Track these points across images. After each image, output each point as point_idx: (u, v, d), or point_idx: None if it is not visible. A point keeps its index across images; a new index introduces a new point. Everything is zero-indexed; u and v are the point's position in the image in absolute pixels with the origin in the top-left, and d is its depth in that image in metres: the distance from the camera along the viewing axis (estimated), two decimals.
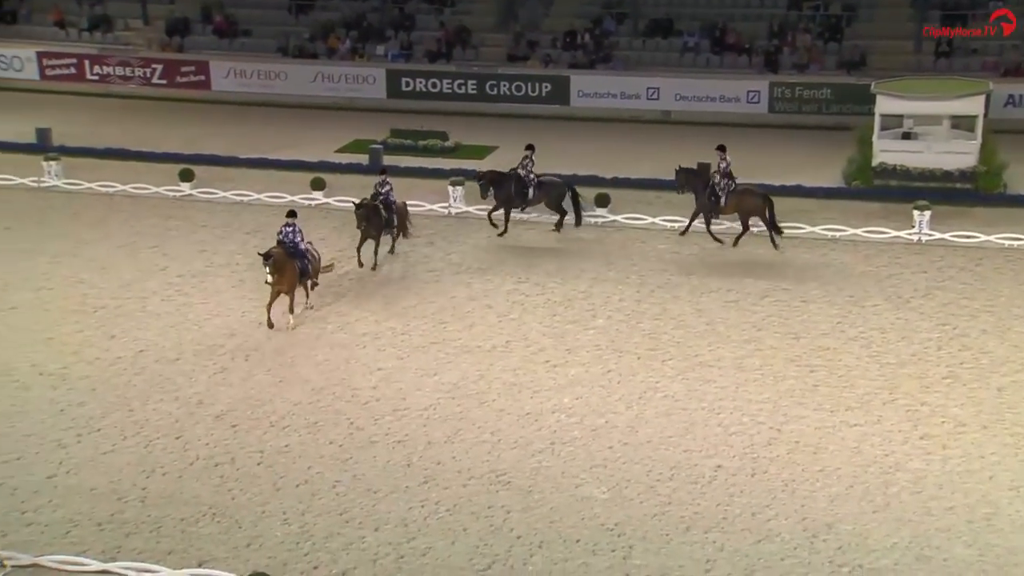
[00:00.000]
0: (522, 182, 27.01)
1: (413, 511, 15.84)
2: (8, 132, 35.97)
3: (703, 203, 26.57)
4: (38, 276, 24.58)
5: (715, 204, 26.48)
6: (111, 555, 14.47)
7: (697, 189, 26.63)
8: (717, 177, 26.47)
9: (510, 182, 27.01)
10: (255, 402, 19.07)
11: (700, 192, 26.54)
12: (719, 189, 26.42)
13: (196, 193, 30.97)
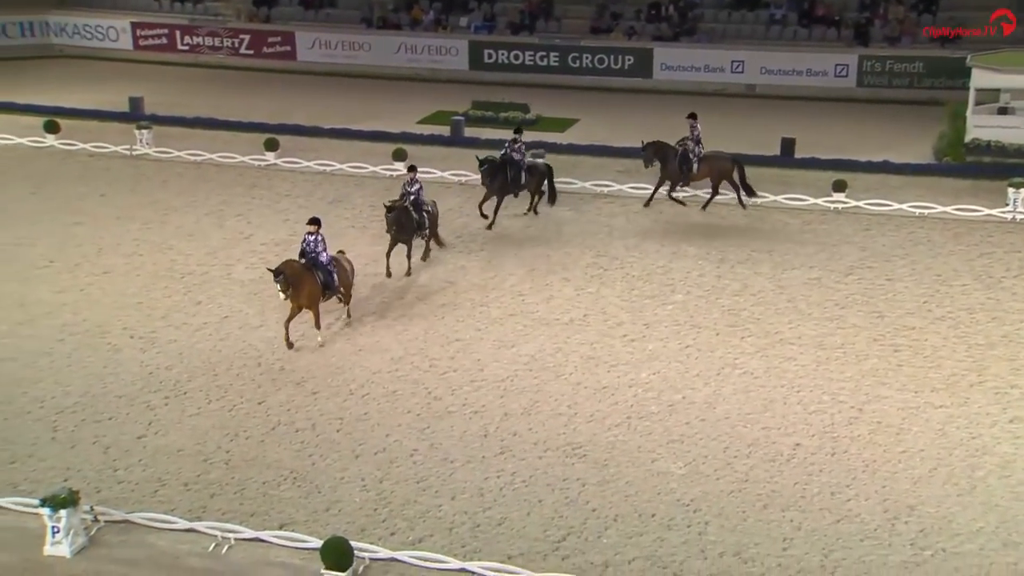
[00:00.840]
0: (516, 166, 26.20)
1: (489, 481, 15.97)
2: (103, 101, 36.92)
3: (672, 171, 26.65)
4: (129, 242, 25.23)
5: (687, 171, 26.73)
6: (196, 514, 14.86)
7: (667, 158, 26.62)
8: (691, 144, 26.62)
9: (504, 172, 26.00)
10: (335, 370, 19.36)
11: (670, 160, 26.58)
12: (692, 156, 26.63)
13: (280, 162, 31.42)
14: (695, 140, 26.61)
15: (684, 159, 26.51)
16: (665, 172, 26.81)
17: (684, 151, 26.51)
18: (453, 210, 27.11)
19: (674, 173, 26.67)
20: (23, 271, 23.24)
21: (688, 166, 26.52)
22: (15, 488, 15.24)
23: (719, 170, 26.89)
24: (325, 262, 20.16)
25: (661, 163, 26.61)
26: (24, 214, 26.75)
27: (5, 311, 21.17)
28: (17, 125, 33.95)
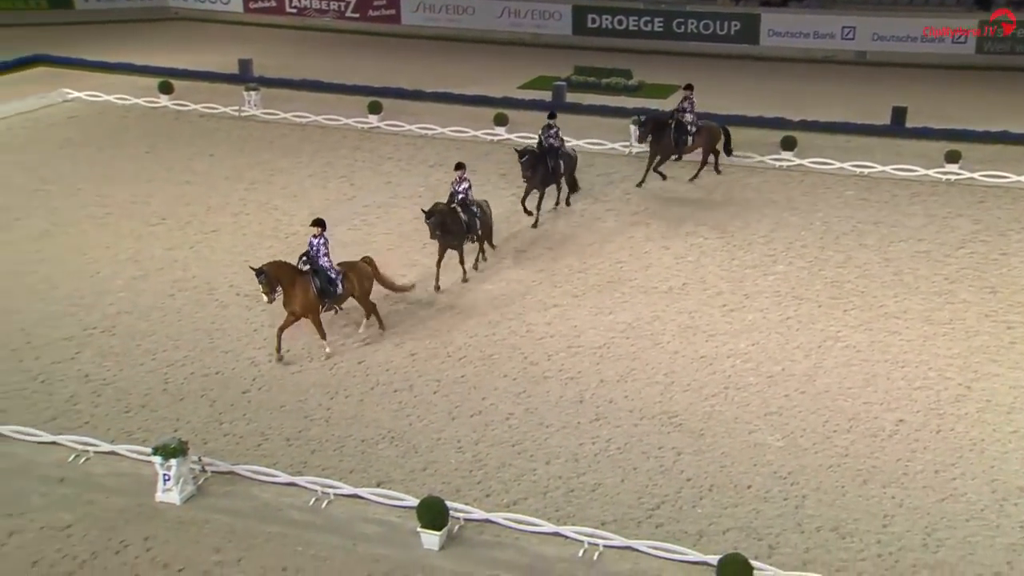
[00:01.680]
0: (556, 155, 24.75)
1: (584, 447, 16.01)
2: (214, 63, 37.75)
3: (666, 145, 26.15)
4: (236, 201, 25.83)
5: (683, 144, 26.35)
6: (298, 469, 15.22)
7: (661, 132, 26.04)
8: (688, 116, 26.19)
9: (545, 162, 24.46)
10: (433, 332, 19.57)
11: (665, 135, 26.04)
12: (690, 127, 26.25)
13: (383, 125, 31.74)
14: (692, 111, 26.22)
15: (680, 131, 26.11)
16: (658, 146, 26.22)
17: (680, 123, 26.11)
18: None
19: (667, 147, 26.21)
20: (138, 228, 24.01)
21: (684, 138, 26.17)
22: (129, 436, 15.82)
23: (712, 139, 26.77)
24: (326, 267, 18.29)
25: (655, 137, 26.06)
26: (139, 172, 27.58)
27: (121, 266, 21.91)
28: (134, 86, 34.98)
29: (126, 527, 13.89)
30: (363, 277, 19.02)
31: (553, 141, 24.54)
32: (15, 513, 14.06)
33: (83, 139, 30.31)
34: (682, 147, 26.31)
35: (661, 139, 26.00)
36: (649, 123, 26.15)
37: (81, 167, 27.83)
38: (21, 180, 26.70)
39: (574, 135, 28.38)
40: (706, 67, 37.90)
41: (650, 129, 26.00)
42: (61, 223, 24.08)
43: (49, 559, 13.22)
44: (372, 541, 13.85)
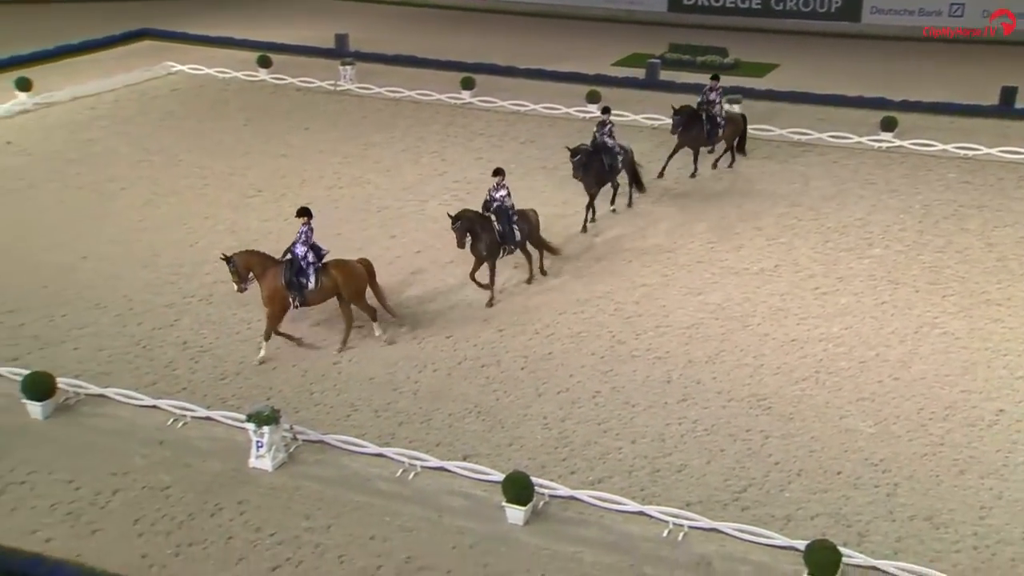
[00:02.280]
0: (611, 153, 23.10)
1: (670, 427, 15.93)
2: (311, 37, 38.28)
3: (696, 136, 25.40)
4: (330, 175, 26.21)
5: (714, 136, 25.72)
6: (386, 440, 15.44)
7: (691, 124, 25.18)
8: (717, 107, 25.61)
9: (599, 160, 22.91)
10: (521, 309, 19.63)
11: (695, 127, 25.26)
12: (720, 119, 25.63)
13: (476, 101, 31.83)
14: (720, 103, 25.66)
15: (712, 123, 25.46)
16: (688, 137, 25.34)
17: (711, 115, 25.46)
18: (644, 155, 26.78)
19: (698, 139, 25.48)
20: (235, 199, 24.54)
21: (716, 130, 25.57)
22: (224, 403, 16.24)
23: (737, 128, 26.26)
24: (299, 255, 17.41)
25: (685, 129, 25.12)
26: (237, 145, 28.17)
27: (219, 236, 22.42)
28: (234, 59, 35.69)
29: (221, 491, 14.28)
30: (351, 277, 17.68)
31: (607, 139, 23.16)
32: (119, 472, 14.56)
33: (185, 111, 31.04)
34: (713, 139, 25.80)
35: (691, 131, 25.24)
36: (685, 114, 25.13)
37: (182, 139, 28.52)
38: (127, 151, 27.48)
39: (665, 113, 28.03)
40: (804, 45, 37.16)
41: (684, 120, 25.08)
42: (163, 193, 24.74)
43: (150, 517, 13.68)
44: (457, 514, 14.00)
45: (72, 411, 16.01)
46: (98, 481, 14.34)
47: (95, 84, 32.62)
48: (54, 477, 14.40)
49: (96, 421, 15.78)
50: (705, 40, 36.69)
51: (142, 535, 13.33)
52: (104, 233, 22.40)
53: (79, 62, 35.68)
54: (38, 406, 15.74)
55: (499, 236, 19.34)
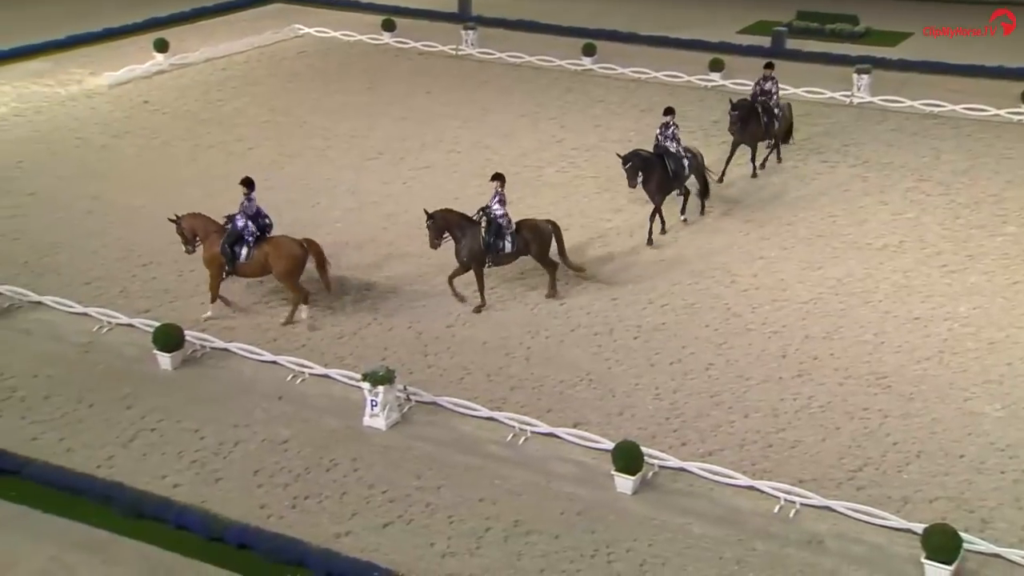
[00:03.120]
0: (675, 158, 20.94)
1: (785, 402, 15.67)
2: (435, 1, 38.50)
3: (756, 132, 23.45)
4: (449, 139, 26.41)
5: (771, 128, 23.73)
6: (497, 405, 15.59)
7: (749, 120, 23.21)
8: (775, 99, 23.81)
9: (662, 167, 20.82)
10: (636, 278, 19.51)
11: (752, 122, 23.26)
12: (776, 110, 23.72)
13: (596, 68, 31.59)
14: (776, 93, 23.91)
15: (769, 115, 23.62)
16: (745, 134, 23.33)
17: (766, 107, 23.62)
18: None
19: (757, 134, 23.55)
20: (356, 161, 24.96)
21: (773, 122, 23.70)
22: (341, 361, 16.63)
23: (785, 121, 24.42)
24: (238, 227, 17.30)
25: (743, 125, 23.11)
26: (360, 107, 28.59)
27: (340, 197, 22.87)
28: (359, 23, 36.16)
29: (336, 447, 14.66)
30: (283, 255, 17.32)
31: (670, 143, 20.88)
32: (240, 424, 15.09)
33: (310, 74, 31.63)
34: (771, 132, 23.89)
35: (748, 126, 23.26)
36: (743, 109, 23.16)
37: (307, 101, 29.09)
38: (255, 112, 28.19)
39: (791, 83, 27.37)
40: (939, 12, 35.73)
41: (743, 116, 23.09)
42: (287, 154, 25.32)
43: (268, 469, 14.15)
44: (566, 480, 14.08)
45: (198, 363, 16.62)
46: (221, 432, 14.89)
47: (227, 46, 33.49)
48: (181, 426, 15.00)
49: (220, 374, 16.36)
50: (835, 7, 35.58)
51: (261, 486, 13.80)
52: (231, 192, 22.94)
53: (213, 24, 36.72)
54: (167, 357, 16.40)
55: (484, 245, 17.94)
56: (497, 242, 18.04)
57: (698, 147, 22.06)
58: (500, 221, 18.07)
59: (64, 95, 28.89)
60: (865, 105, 27.82)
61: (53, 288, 18.49)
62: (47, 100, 28.43)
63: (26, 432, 14.72)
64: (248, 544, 12.57)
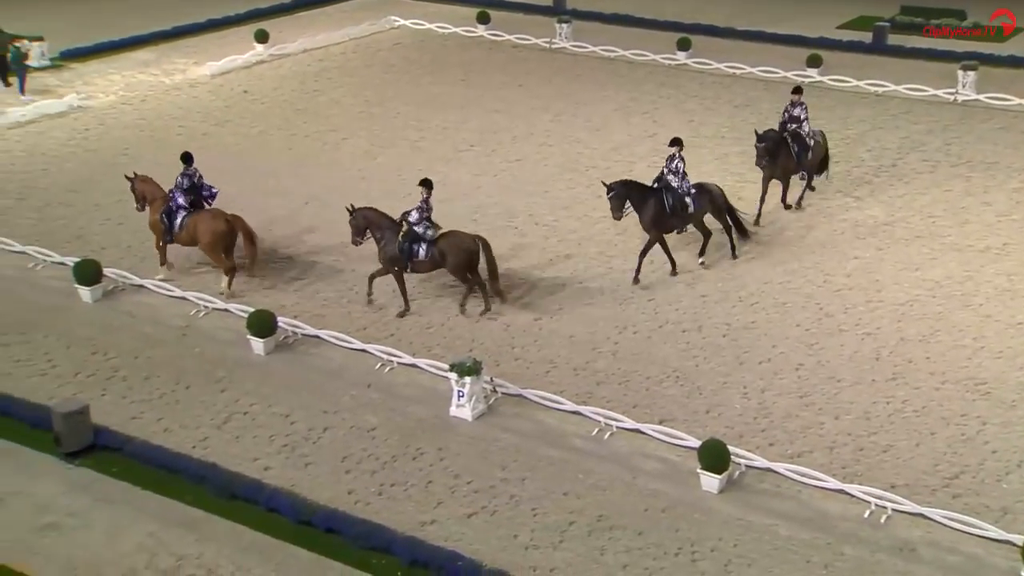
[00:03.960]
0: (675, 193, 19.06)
1: (877, 406, 15.34)
2: None
3: (787, 164, 21.11)
4: (541, 132, 26.43)
5: (804, 159, 21.35)
6: (583, 399, 15.58)
7: (778, 152, 20.92)
8: (807, 127, 21.42)
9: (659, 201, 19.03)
10: (726, 276, 19.29)
11: (781, 154, 20.95)
12: (808, 139, 21.40)
13: (690, 63, 31.29)
14: (807, 119, 21.51)
15: (801, 145, 21.24)
16: (775, 168, 21.01)
17: (797, 136, 21.24)
18: (864, 121, 25.74)
19: (788, 167, 21.18)
20: (448, 153, 25.15)
21: (805, 152, 21.33)
22: (429, 351, 16.78)
23: (818, 149, 21.91)
24: (175, 202, 18.49)
25: (771, 159, 20.85)
26: (453, 99, 28.79)
27: None
28: (454, 15, 36.44)
29: (423, 436, 14.81)
30: (207, 229, 18.10)
31: (671, 177, 19.10)
32: (330, 410, 15.34)
33: (405, 65, 31.95)
34: (804, 162, 21.44)
35: (778, 159, 20.91)
36: (770, 141, 20.81)
37: (402, 92, 29.39)
38: (350, 102, 28.59)
39: (893, 80, 26.74)
40: None
41: (771, 149, 20.76)
42: (381, 144, 25.63)
43: (356, 456, 14.36)
44: (651, 476, 14.01)
45: (290, 349, 16.94)
46: (311, 417, 15.16)
47: (324, 37, 34.04)
48: (273, 410, 15.32)
49: (311, 360, 16.65)
50: (940, 2, 34.64)
51: (349, 472, 14.02)
52: (325, 181, 23.42)
53: (312, 15, 37.37)
54: (260, 342, 16.76)
55: (399, 250, 17.62)
56: (413, 247, 17.63)
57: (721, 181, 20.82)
58: (416, 229, 17.64)
59: (168, 84, 29.69)
60: (970, 103, 27.04)
61: (154, 272, 19.02)
62: (152, 89, 29.24)
63: (127, 411, 15.19)
64: (335, 529, 12.79)
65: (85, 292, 18.17)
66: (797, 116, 21.41)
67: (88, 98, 28.18)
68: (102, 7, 37.23)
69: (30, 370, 16.13)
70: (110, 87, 29.22)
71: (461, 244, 17.69)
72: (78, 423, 14.09)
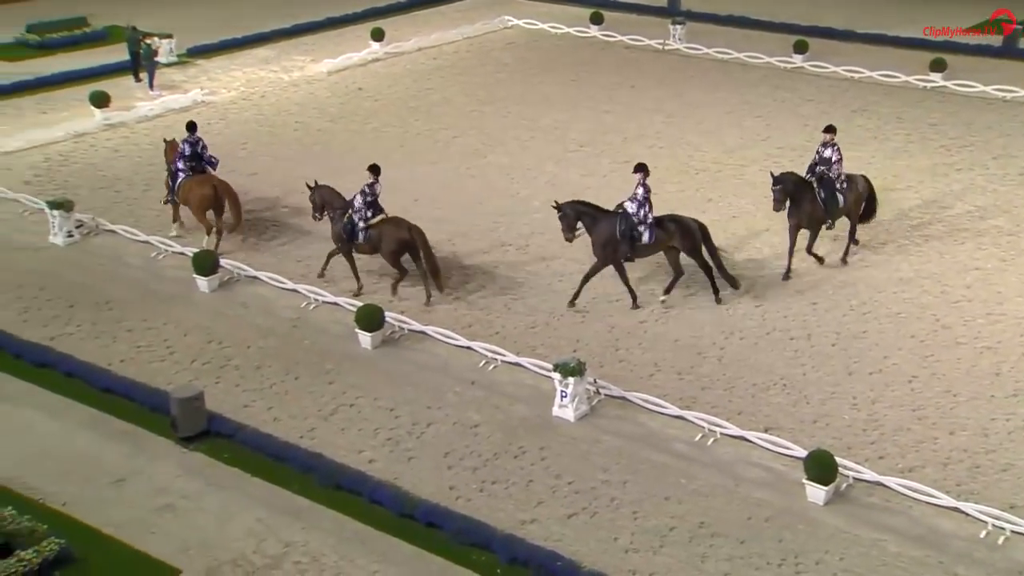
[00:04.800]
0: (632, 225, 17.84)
1: (996, 422, 14.82)
2: None
3: (813, 213, 18.87)
4: (652, 134, 26.25)
5: (834, 207, 19.01)
6: (686, 403, 15.42)
7: (801, 197, 18.76)
8: (837, 170, 19.04)
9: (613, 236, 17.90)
10: (838, 284, 18.88)
11: (804, 200, 18.78)
12: (839, 184, 19.08)
13: (807, 66, 30.71)
14: (839, 161, 19.09)
15: (829, 190, 18.98)
16: (800, 216, 18.91)
17: (824, 179, 19.04)
18: (991, 128, 24.85)
19: (816, 216, 18.94)
20: (558, 152, 25.17)
21: (835, 199, 19.02)
22: (533, 351, 16.82)
23: (857, 198, 19.43)
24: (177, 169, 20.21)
25: (795, 205, 18.78)
26: (564, 99, 28.81)
27: (540, 188, 23.06)
28: (567, 15, 36.50)
29: (525, 435, 14.87)
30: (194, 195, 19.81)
31: (629, 204, 17.76)
32: (433, 406, 15.52)
33: (517, 65, 32.10)
34: (834, 211, 19.09)
35: (802, 205, 18.81)
36: (788, 183, 18.64)
37: (513, 91, 29.54)
38: (461, 101, 28.86)
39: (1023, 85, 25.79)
40: None
41: (785, 190, 18.63)
42: (491, 143, 25.79)
43: (459, 452, 14.49)
44: (755, 485, 13.80)
45: (396, 344, 17.19)
46: (415, 412, 15.36)
47: (438, 35, 34.43)
48: (378, 403, 15.57)
49: (416, 356, 16.86)
50: None
51: (451, 468, 14.16)
52: (435, 178, 23.70)
53: (427, 14, 37.85)
54: (368, 336, 17.04)
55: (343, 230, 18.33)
56: (355, 230, 18.30)
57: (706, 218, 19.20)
58: (354, 216, 18.29)
59: (287, 81, 30.42)
60: None
61: (268, 264, 19.52)
62: (271, 85, 30.00)
63: (239, 399, 15.62)
64: (436, 523, 12.93)
65: (203, 282, 18.75)
66: (828, 158, 19.10)
67: (211, 93, 29.06)
68: (230, 5, 38.33)
69: (151, 355, 16.72)
70: (232, 83, 30.07)
71: (394, 232, 18.23)
72: (194, 409, 14.55)
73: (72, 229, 20.48)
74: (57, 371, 15.96)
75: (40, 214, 20.87)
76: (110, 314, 17.82)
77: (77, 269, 19.37)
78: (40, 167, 23.81)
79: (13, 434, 14.67)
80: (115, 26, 33.06)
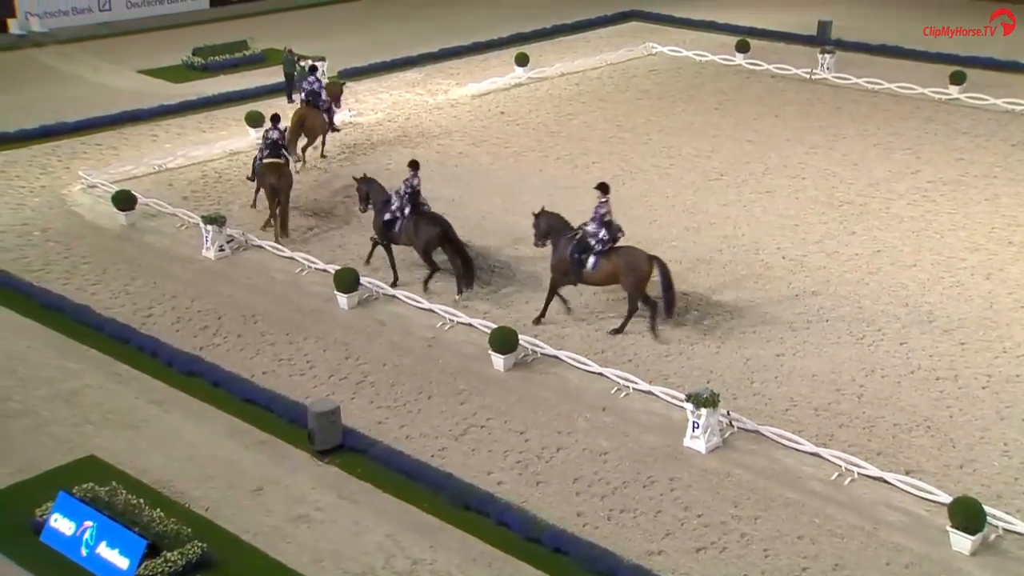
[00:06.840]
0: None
1: None
2: (793, 23, 37.82)
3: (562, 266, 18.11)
4: (795, 164, 25.75)
5: (580, 266, 17.95)
6: (823, 441, 15.01)
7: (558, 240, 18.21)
8: (592, 227, 17.96)
9: None
10: (990, 324, 18.12)
11: (560, 243, 18.14)
12: (595, 244, 17.90)
13: (963, 97, 29.63)
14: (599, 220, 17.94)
15: (581, 248, 17.83)
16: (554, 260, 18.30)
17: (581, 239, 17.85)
18: None
19: (563, 268, 18.00)
20: (697, 181, 24.93)
21: (584, 259, 17.86)
22: (666, 380, 16.64)
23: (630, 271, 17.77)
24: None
25: (554, 247, 18.28)
26: (706, 127, 28.54)
27: (678, 216, 22.94)
28: (713, 43, 36.20)
29: (654, 464, 14.71)
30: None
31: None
32: (563, 431, 15.51)
33: (659, 92, 31.96)
34: (579, 271, 18.02)
35: (556, 249, 18.24)
36: (541, 221, 18.39)
37: (654, 118, 29.42)
38: (602, 127, 28.89)
39: None
40: None
41: (543, 231, 18.37)
42: (630, 170, 25.71)
43: (587, 479, 14.43)
44: (895, 529, 13.33)
45: (529, 367, 17.25)
46: (545, 436, 15.37)
47: (582, 61, 34.59)
48: (508, 426, 15.65)
49: (548, 380, 16.89)
50: None
51: (579, 494, 14.11)
52: (573, 204, 23.63)
53: (571, 40, 38.04)
54: (501, 359, 17.16)
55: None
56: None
57: None
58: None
59: (431, 103, 31.02)
60: None
61: (403, 286, 19.88)
62: (416, 107, 30.64)
63: (373, 415, 15.94)
64: (563, 549, 12.89)
65: (343, 299, 19.23)
66: (598, 215, 18.06)
67: (359, 115, 29.86)
68: (383, 31, 39.33)
69: (291, 369, 17.23)
70: (378, 104, 30.85)
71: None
72: (330, 423, 14.91)
73: (224, 243, 21.32)
74: (204, 380, 16.61)
75: (195, 228, 21.79)
76: (255, 327, 18.45)
77: (226, 282, 20.14)
78: (197, 183, 24.89)
79: (163, 438, 15.32)
80: (273, 49, 34.36)
